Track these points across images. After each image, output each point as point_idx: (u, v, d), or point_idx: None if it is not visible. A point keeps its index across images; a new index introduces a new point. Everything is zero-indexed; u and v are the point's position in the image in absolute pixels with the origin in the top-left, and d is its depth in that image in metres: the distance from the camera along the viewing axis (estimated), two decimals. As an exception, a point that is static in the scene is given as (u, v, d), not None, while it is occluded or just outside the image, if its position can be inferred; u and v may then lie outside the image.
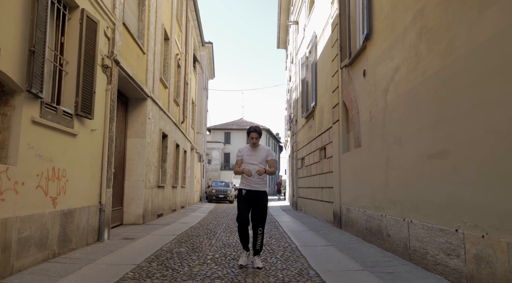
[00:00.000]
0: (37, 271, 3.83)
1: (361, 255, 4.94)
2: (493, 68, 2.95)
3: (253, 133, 4.42)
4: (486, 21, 3.03)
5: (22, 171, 3.75)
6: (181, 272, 3.97)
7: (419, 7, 4.25)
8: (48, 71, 4.41)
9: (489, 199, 2.99)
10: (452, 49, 3.54)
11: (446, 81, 3.66)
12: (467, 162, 3.31)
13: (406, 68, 4.58)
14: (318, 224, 9.12)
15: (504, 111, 2.83)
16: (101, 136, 5.86)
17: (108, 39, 6.06)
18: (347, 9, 7.37)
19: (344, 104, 7.82)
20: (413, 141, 4.40)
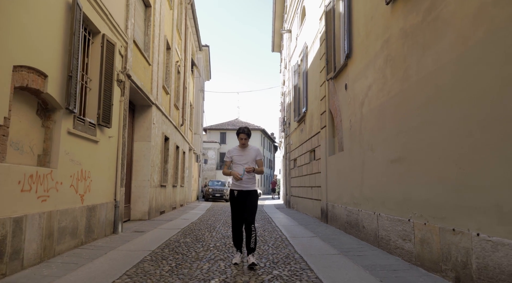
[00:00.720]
0: (72, 255, 4.69)
1: (340, 244, 5.86)
2: (432, 96, 3.87)
3: (242, 135, 4.53)
4: (427, 59, 3.96)
5: (61, 173, 4.62)
6: (190, 256, 4.86)
7: (386, 37, 5.16)
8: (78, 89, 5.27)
9: (429, 195, 3.91)
10: (407, 76, 4.46)
11: (403, 102, 4.58)
12: (416, 167, 4.23)
13: (376, 87, 5.50)
14: (308, 219, 10.03)
15: (438, 128, 3.75)
16: (116, 142, 6.72)
17: (122, 57, 6.92)
18: (333, 28, 8.28)
19: (330, 112, 8.74)
20: (381, 148, 5.32)
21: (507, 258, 2.70)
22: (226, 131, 46.12)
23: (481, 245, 3.00)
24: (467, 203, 3.23)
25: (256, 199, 4.57)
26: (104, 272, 3.88)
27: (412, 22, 4.31)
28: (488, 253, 2.90)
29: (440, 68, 3.70)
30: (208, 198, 23.76)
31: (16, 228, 3.66)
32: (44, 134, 4.49)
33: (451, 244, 3.44)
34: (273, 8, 21.04)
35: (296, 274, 3.88)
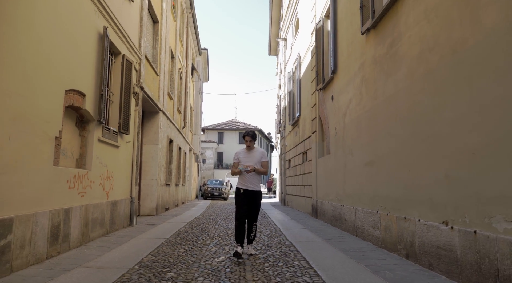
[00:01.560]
0: (102, 241, 5.70)
1: (325, 234, 6.90)
2: (392, 114, 4.92)
3: (247, 137, 4.87)
4: (389, 84, 5.00)
5: (93, 174, 5.62)
6: (199, 242, 5.88)
7: (362, 61, 6.21)
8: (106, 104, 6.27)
9: (390, 192, 4.96)
10: (376, 96, 5.50)
11: (373, 116, 5.62)
12: (382, 169, 5.28)
13: (355, 101, 6.55)
14: (300, 215, 11.08)
15: (396, 140, 4.79)
16: (132, 146, 7.72)
17: (136, 71, 7.92)
18: (322, 44, 9.31)
19: (320, 119, 9.78)
20: (358, 153, 6.37)
21: (435, 236, 3.74)
22: (224, 131, 47.09)
23: (421, 228, 4.05)
24: (413, 197, 4.28)
25: (260, 199, 4.93)
26: (133, 253, 4.89)
27: (380, 52, 5.35)
28: (425, 233, 3.95)
29: (397, 93, 4.74)
30: (207, 196, 24.77)
31: (66, 217, 4.68)
32: (80, 141, 5.50)
33: (403, 229, 4.49)
34: (269, 15, 22.06)
35: (285, 254, 4.92)
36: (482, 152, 3.06)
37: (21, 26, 3.61)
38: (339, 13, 7.74)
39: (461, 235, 3.29)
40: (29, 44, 3.76)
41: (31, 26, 3.80)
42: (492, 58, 2.96)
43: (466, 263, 3.21)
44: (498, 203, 2.85)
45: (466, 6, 3.31)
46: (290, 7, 15.56)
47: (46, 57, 4.12)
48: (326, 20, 9.21)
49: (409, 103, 4.43)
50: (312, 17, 10.69)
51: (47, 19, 4.12)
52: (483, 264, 2.98)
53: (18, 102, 3.58)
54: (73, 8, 4.76)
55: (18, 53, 3.57)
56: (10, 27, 3.42)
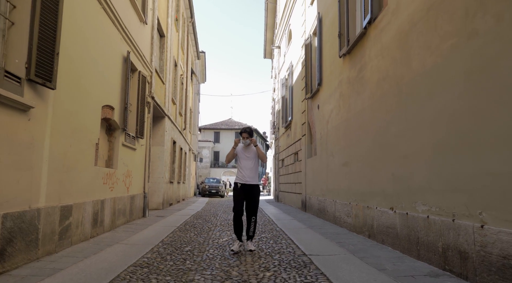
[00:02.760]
0: (125, 227, 6.93)
1: (310, 223, 8.18)
2: (360, 125, 6.20)
3: (244, 134, 5.04)
4: (358, 101, 6.28)
5: (118, 172, 6.84)
6: (204, 229, 7.13)
7: (340, 79, 7.48)
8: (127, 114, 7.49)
9: (358, 187, 6.24)
10: (350, 109, 6.78)
11: (348, 125, 6.90)
12: (353, 169, 6.56)
13: (335, 112, 7.82)
14: (291, 209, 12.37)
15: (362, 145, 6.07)
16: (144, 148, 8.95)
17: (148, 83, 9.14)
18: (310, 58, 10.58)
19: (308, 124, 11.05)
20: (338, 155, 7.65)
21: (385, 219, 5.03)
22: (220, 131, 48.22)
23: (377, 214, 5.33)
24: (373, 190, 5.56)
25: (258, 194, 5.04)
26: (154, 235, 6.12)
27: (353, 75, 6.63)
28: (380, 217, 5.24)
29: (363, 109, 6.03)
30: (205, 194, 25.99)
31: (101, 206, 5.91)
32: (109, 146, 6.72)
33: (367, 215, 5.78)
34: (265, 21, 23.24)
35: (276, 236, 6.19)
36: (411, 158, 4.35)
37: (77, 61, 4.82)
38: (324, 34, 9.01)
39: (400, 217, 4.58)
40: (81, 73, 4.97)
41: (83, 60, 5.02)
42: (418, 91, 4.23)
43: (402, 236, 4.50)
44: (419, 192, 4.14)
45: (402, 52, 4.59)
46: (283, 18, 16.79)
47: (91, 82, 5.34)
48: (314, 37, 10.48)
49: (371, 118, 5.71)
50: (302, 32, 11.95)
51: (93, 52, 5.34)
52: (411, 235, 4.27)
53: (74, 119, 4.81)
54: (107, 40, 5.98)
55: (74, 80, 4.79)
56: (71, 63, 4.64)
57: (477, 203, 3.11)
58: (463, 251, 3.28)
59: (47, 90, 3.98)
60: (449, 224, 3.51)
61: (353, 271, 3.67)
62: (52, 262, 3.89)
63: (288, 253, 4.71)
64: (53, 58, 3.91)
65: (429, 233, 3.88)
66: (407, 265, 3.93)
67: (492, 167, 2.95)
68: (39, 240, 3.91)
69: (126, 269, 3.72)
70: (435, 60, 3.81)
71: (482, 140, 3.07)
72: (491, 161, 2.97)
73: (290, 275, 3.58)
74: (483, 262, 3.00)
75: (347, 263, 4.05)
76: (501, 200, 2.84)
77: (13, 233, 3.42)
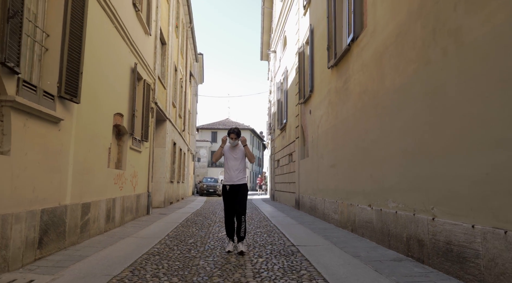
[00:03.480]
0: (133, 223, 7.60)
1: (302, 220, 8.89)
2: (345, 131, 6.91)
3: (232, 134, 5.00)
4: (343, 109, 6.99)
5: (127, 173, 7.52)
6: (205, 225, 7.81)
7: (329, 88, 8.18)
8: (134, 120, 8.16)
9: (343, 186, 6.95)
10: (337, 116, 7.49)
11: (336, 131, 7.61)
12: (340, 170, 7.27)
13: (325, 117, 8.53)
14: (286, 208, 13.08)
15: (346, 149, 6.78)
16: (148, 150, 9.62)
17: (152, 90, 9.80)
18: (303, 65, 11.28)
19: (301, 127, 11.76)
20: (326, 158, 8.36)
21: (365, 214, 5.74)
22: (217, 131, 48.84)
23: (358, 210, 6.04)
24: (355, 190, 6.27)
25: (246, 192, 5.00)
26: (160, 230, 6.80)
27: (339, 85, 7.33)
28: (360, 213, 5.95)
29: (348, 117, 6.73)
30: (203, 193, 26.68)
31: (113, 204, 6.58)
32: (118, 149, 7.39)
33: (350, 212, 6.49)
34: (261, 25, 23.91)
35: (269, 230, 6.89)
36: (384, 162, 5.06)
37: (93, 76, 5.49)
38: (315, 45, 9.71)
39: (376, 212, 5.29)
40: (96, 87, 5.64)
41: (98, 75, 5.68)
42: (390, 105, 4.93)
43: (377, 229, 5.21)
44: (390, 191, 4.85)
45: (378, 70, 5.29)
46: (279, 24, 17.48)
47: (104, 93, 6.01)
48: (306, 46, 11.17)
49: (354, 125, 6.42)
50: (296, 40, 12.65)
51: (106, 67, 6.01)
52: (384, 228, 4.98)
53: (92, 127, 5.47)
54: (118, 54, 6.65)
55: (91, 94, 5.45)
56: (89, 78, 5.30)
57: (431, 200, 3.82)
58: (420, 240, 3.99)
59: (73, 104, 4.65)
60: (411, 218, 4.22)
61: (332, 257, 4.37)
62: (77, 250, 4.57)
63: (279, 244, 5.41)
64: (78, 77, 4.59)
65: (397, 226, 4.59)
66: (378, 253, 4.65)
67: (440, 170, 3.66)
68: (66, 232, 4.59)
69: (141, 256, 4.40)
70: (402, 81, 4.52)
71: (434, 149, 3.78)
72: (440, 165, 3.68)
73: (279, 260, 4.28)
74: (434, 248, 3.72)
75: (329, 251, 4.76)
76: (447, 197, 3.55)
77: (48, 225, 4.09)
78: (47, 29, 4.23)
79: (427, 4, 3.95)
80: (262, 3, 22.36)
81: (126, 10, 6.97)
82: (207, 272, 3.70)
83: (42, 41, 4.18)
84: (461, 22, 3.33)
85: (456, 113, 3.40)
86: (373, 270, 3.76)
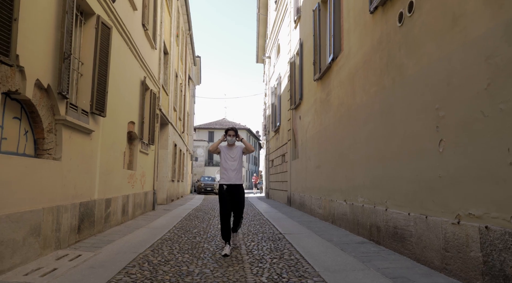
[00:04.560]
0: (143, 217, 8.65)
1: (292, 215, 9.98)
2: (327, 137, 7.99)
3: (230, 131, 4.99)
4: (325, 118, 8.07)
5: (137, 173, 8.56)
6: (205, 219, 8.88)
7: (315, 98, 9.26)
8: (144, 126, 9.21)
9: (325, 184, 8.04)
10: (321, 123, 8.57)
11: (320, 136, 8.69)
12: (323, 171, 8.36)
13: (312, 124, 9.62)
14: (279, 205, 14.18)
15: (329, 152, 7.87)
16: (154, 152, 10.66)
17: (157, 98, 10.84)
18: (294, 74, 12.35)
19: (293, 130, 12.84)
20: (313, 159, 9.45)
21: (341, 208, 6.83)
22: (214, 130, 49.83)
23: (337, 205, 7.14)
24: (335, 188, 7.37)
25: (243, 193, 5.01)
26: (167, 223, 7.86)
27: (323, 96, 8.42)
28: (338, 207, 7.04)
29: (329, 125, 7.82)
30: (200, 191, 27.74)
31: (127, 200, 7.63)
32: (129, 152, 8.44)
33: (331, 207, 7.59)
34: (257, 30, 24.92)
35: (262, 223, 7.98)
36: (355, 164, 6.15)
37: (113, 92, 6.52)
38: (304, 57, 10.79)
39: (349, 206, 6.39)
40: (115, 100, 6.68)
41: (116, 90, 6.73)
42: (359, 118, 6.01)
43: (350, 220, 6.31)
44: (359, 189, 5.94)
45: (351, 88, 6.38)
46: (273, 32, 18.54)
47: (121, 106, 7.05)
48: (297, 56, 12.25)
49: (334, 133, 7.51)
50: (288, 50, 13.72)
51: (122, 82, 7.05)
52: (354, 219, 6.08)
53: (112, 135, 6.52)
54: (130, 70, 7.69)
55: (111, 107, 6.49)
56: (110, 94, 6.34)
57: (385, 195, 4.92)
58: (378, 226, 5.09)
59: (100, 118, 5.71)
60: (372, 210, 5.32)
61: (310, 242, 5.46)
62: (104, 236, 5.63)
63: (269, 233, 6.49)
64: (105, 95, 5.64)
65: (363, 216, 5.69)
66: (348, 238, 5.74)
67: (390, 173, 4.75)
68: (94, 221, 5.64)
69: (156, 241, 5.47)
70: (367, 99, 5.61)
71: (387, 155, 4.87)
72: (390, 169, 4.77)
73: (268, 244, 5.36)
74: (386, 232, 4.81)
75: (309, 238, 5.85)
76: (394, 193, 4.64)
77: (83, 216, 5.15)
78: (82, 58, 5.27)
79: (383, 42, 5.04)
80: (257, 10, 23.42)
81: (137, 31, 8.02)
82: (211, 251, 4.78)
83: (78, 68, 5.22)
84: (403, 60, 4.42)
85: (400, 129, 4.50)
86: (339, 249, 4.86)
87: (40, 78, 3.83)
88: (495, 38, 2.86)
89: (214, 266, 3.96)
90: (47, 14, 3.96)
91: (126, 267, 3.81)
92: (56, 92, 4.15)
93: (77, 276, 3.42)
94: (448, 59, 3.48)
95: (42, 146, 4.14)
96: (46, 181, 4.04)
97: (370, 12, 5.40)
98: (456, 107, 3.35)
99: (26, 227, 3.63)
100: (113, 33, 6.00)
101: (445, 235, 3.46)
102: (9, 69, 3.24)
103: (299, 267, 3.95)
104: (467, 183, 3.18)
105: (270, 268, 3.90)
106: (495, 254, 2.80)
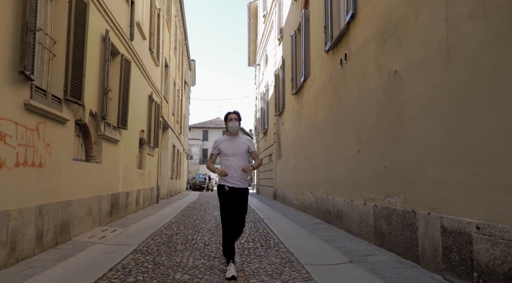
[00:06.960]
0: (151, 208, 10.48)
1: (274, 206, 11.86)
2: (302, 142, 9.87)
3: (232, 115, 3.94)
4: (300, 126, 9.96)
5: (145, 172, 10.38)
6: (202, 209, 10.73)
7: (293, 109, 11.12)
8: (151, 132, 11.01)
9: (300, 181, 9.93)
10: (297, 130, 10.45)
11: (297, 141, 10.57)
12: (299, 169, 10.24)
13: (291, 130, 11.49)
14: (266, 199, 16.07)
15: (303, 155, 9.75)
16: (158, 154, 12.47)
17: (160, 107, 12.63)
18: (278, 85, 14.21)
19: (278, 134, 14.72)
20: (292, 160, 11.33)
21: (309, 199, 8.72)
22: (208, 129, 51.55)
23: (307, 197, 9.03)
24: (305, 183, 9.25)
25: (247, 200, 3.98)
26: (170, 212, 9.68)
27: (298, 108, 10.29)
28: (307, 199, 8.93)
29: (303, 132, 9.71)
30: (195, 188, 29.61)
31: (139, 194, 9.45)
32: (140, 155, 10.24)
33: (303, 198, 9.48)
34: (248, 37, 26.68)
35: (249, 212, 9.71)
36: (317, 165, 8.03)
37: (131, 108, 8.32)
38: (286, 72, 12.65)
39: (314, 197, 8.28)
40: (131, 114, 8.48)
41: (132, 107, 8.53)
42: (319, 129, 7.88)
43: (314, 207, 8.20)
44: (320, 184, 7.83)
45: (315, 105, 8.25)
46: (262, 42, 20.35)
47: (135, 118, 8.86)
48: (281, 70, 14.10)
49: (305, 139, 9.39)
50: (274, 62, 15.57)
51: (136, 100, 8.85)
52: (317, 207, 7.97)
53: (129, 142, 8.32)
54: (141, 88, 9.49)
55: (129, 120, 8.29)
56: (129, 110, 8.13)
57: (333, 188, 6.81)
58: (329, 211, 6.99)
59: (123, 130, 7.52)
60: (326, 199, 7.21)
61: (282, 223, 7.35)
62: (126, 220, 7.46)
63: (252, 218, 8.37)
64: (126, 113, 7.46)
65: (322, 204, 7.58)
66: (310, 221, 7.64)
67: (335, 171, 6.64)
68: (119, 209, 7.47)
69: (166, 222, 7.31)
70: (324, 116, 7.49)
71: (334, 159, 6.75)
72: (336, 168, 6.65)
73: (250, 225, 7.24)
74: (333, 214, 6.71)
75: (281, 220, 7.74)
76: (337, 186, 6.53)
77: (113, 203, 6.97)
78: (110, 86, 7.07)
79: (332, 76, 6.92)
80: (248, 19, 25.22)
81: (146, 56, 9.82)
82: (208, 229, 6.65)
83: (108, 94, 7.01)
84: (342, 93, 6.31)
85: (340, 141, 6.39)
86: (300, 227, 6.76)
87: (92, 108, 5.65)
88: (380, 91, 4.75)
89: (210, 236, 5.83)
90: (95, 63, 5.78)
91: (151, 235, 5.67)
92: (100, 116, 5.97)
93: (121, 239, 5.27)
94: (362, 98, 5.37)
95: (90, 154, 5.96)
96: (93, 178, 5.86)
97: (325, 52, 7.28)
98: (365, 130, 5.24)
99: (85, 209, 5.46)
100: (132, 65, 7.81)
101: (360, 212, 5.37)
102: (79, 107, 5.07)
103: (268, 236, 5.83)
104: (369, 179, 5.07)
105: (248, 236, 5.78)
106: (378, 221, 4.71)
